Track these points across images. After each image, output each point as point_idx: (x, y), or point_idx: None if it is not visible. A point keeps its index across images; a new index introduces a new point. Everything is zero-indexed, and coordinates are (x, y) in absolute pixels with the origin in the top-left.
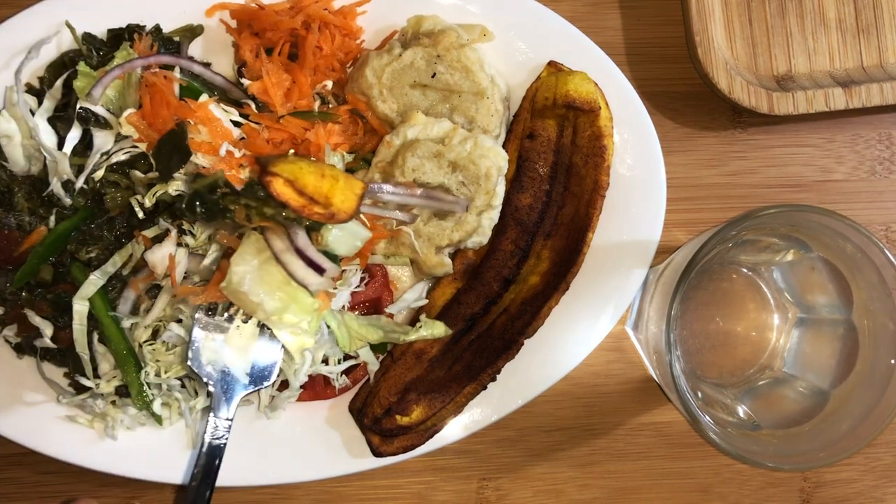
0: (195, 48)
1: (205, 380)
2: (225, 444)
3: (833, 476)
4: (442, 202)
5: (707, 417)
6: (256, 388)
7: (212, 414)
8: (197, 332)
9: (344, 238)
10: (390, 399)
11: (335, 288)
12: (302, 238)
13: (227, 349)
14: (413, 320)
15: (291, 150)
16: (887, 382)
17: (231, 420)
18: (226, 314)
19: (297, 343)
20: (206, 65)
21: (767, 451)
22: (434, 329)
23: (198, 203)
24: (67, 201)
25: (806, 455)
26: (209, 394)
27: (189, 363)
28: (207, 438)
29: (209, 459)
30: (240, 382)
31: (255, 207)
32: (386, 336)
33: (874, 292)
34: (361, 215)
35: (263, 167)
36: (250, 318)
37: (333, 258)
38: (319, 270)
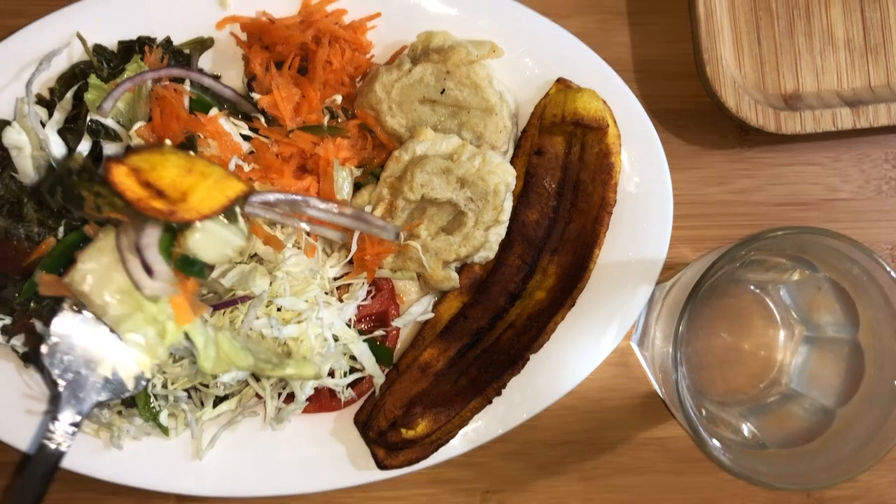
0: (205, 61)
1: (54, 376)
2: (63, 452)
3: (836, 493)
4: (370, 226)
5: (712, 437)
6: (112, 398)
7: (54, 418)
8: (59, 325)
9: (209, 243)
10: (396, 412)
11: (237, 308)
12: (147, 236)
13: (88, 350)
14: (418, 334)
15: (168, 141)
16: (892, 403)
17: (77, 427)
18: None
19: (141, 359)
20: (216, 78)
21: (772, 470)
22: (303, 369)
23: (59, 188)
24: (76, 212)
25: (811, 475)
26: (57, 393)
27: (42, 357)
28: (41, 439)
29: (40, 465)
30: (96, 389)
31: (105, 197)
32: (256, 364)
33: (880, 313)
34: (241, 222)
35: (118, 156)
36: None
37: (196, 264)
38: (148, 272)
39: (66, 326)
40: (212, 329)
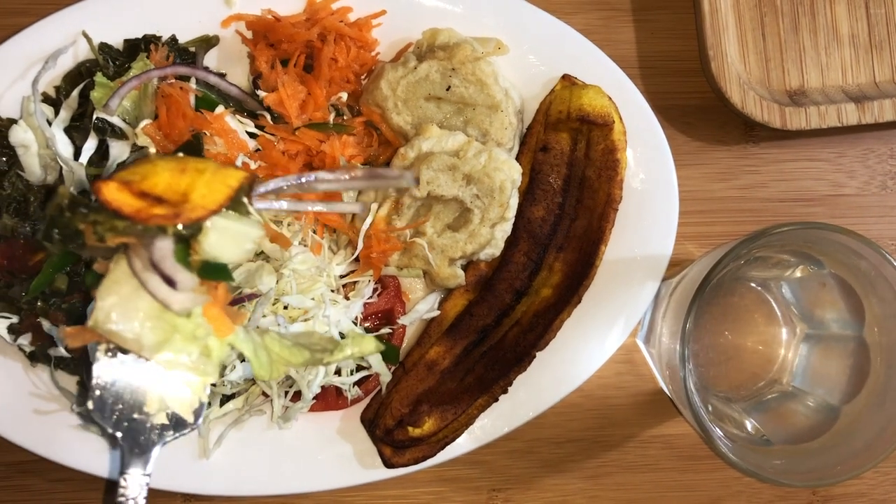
0: (210, 59)
1: (109, 430)
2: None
3: (842, 490)
4: (386, 180)
5: (719, 432)
6: (175, 436)
7: (122, 472)
8: (100, 375)
9: (226, 241)
10: (402, 410)
11: (244, 306)
12: (159, 250)
13: (136, 392)
14: (424, 332)
15: (153, 148)
16: None
17: (149, 476)
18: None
19: (193, 381)
20: (222, 76)
21: (779, 466)
22: (363, 345)
23: (55, 230)
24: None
25: (817, 471)
26: (119, 447)
27: (92, 413)
28: (117, 499)
29: None
30: (155, 431)
31: (104, 223)
32: (312, 357)
33: (888, 309)
34: (254, 213)
35: (104, 177)
36: None
37: (220, 268)
38: (171, 284)
39: (105, 375)
40: (257, 334)
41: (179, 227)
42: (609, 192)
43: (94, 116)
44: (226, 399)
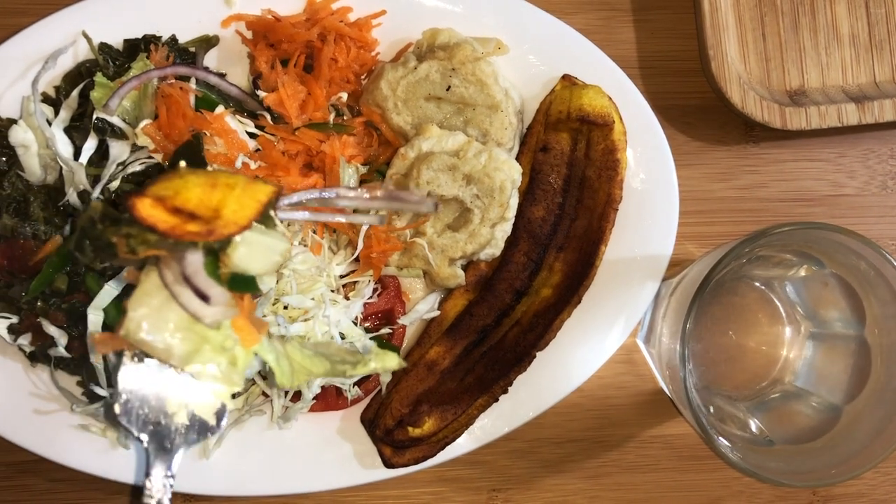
0: (210, 59)
1: (135, 434)
2: None
3: (843, 490)
4: (406, 203)
5: (720, 435)
6: (199, 440)
7: (147, 474)
8: (126, 380)
9: (255, 254)
10: (402, 411)
11: (268, 317)
12: (191, 264)
13: (161, 396)
14: (424, 332)
15: (183, 162)
16: None
17: (173, 477)
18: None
19: (219, 390)
20: (222, 76)
21: (779, 467)
22: (386, 361)
23: (87, 242)
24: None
25: (817, 472)
26: (144, 451)
27: (119, 418)
28: (144, 500)
29: None
30: (180, 434)
31: (136, 236)
32: (333, 368)
33: (887, 309)
34: (279, 224)
35: (138, 192)
36: None
37: (248, 280)
38: (204, 299)
39: (132, 380)
40: (279, 343)
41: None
42: (609, 192)
43: (94, 116)
44: None
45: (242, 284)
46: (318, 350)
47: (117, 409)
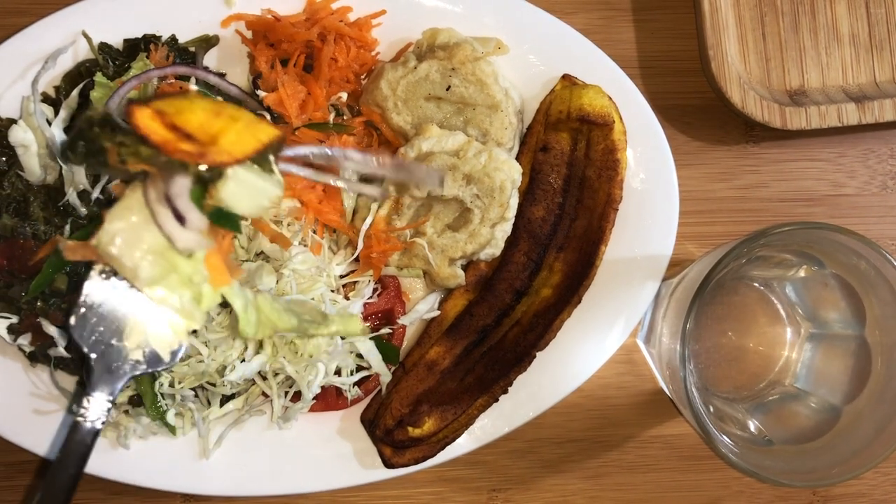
0: (210, 59)
1: (85, 349)
2: (98, 430)
3: (842, 490)
4: (411, 174)
5: (720, 434)
6: (146, 371)
7: (87, 394)
8: (88, 294)
9: (243, 193)
10: (402, 411)
11: (250, 255)
12: (177, 186)
13: (120, 318)
14: (424, 332)
15: (195, 87)
16: None
17: (113, 402)
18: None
19: (178, 324)
20: (222, 75)
21: (780, 466)
22: (349, 326)
23: (81, 143)
24: (83, 211)
25: (817, 472)
26: (89, 368)
27: (71, 329)
28: (75, 416)
29: (77, 440)
30: (129, 361)
31: (129, 146)
32: (300, 325)
33: (888, 309)
34: (276, 173)
35: (142, 100)
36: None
37: (230, 217)
38: (181, 220)
39: (95, 295)
40: (250, 292)
41: (202, 167)
42: (609, 192)
43: None
44: (226, 399)
45: (224, 220)
46: (290, 306)
47: (72, 320)
